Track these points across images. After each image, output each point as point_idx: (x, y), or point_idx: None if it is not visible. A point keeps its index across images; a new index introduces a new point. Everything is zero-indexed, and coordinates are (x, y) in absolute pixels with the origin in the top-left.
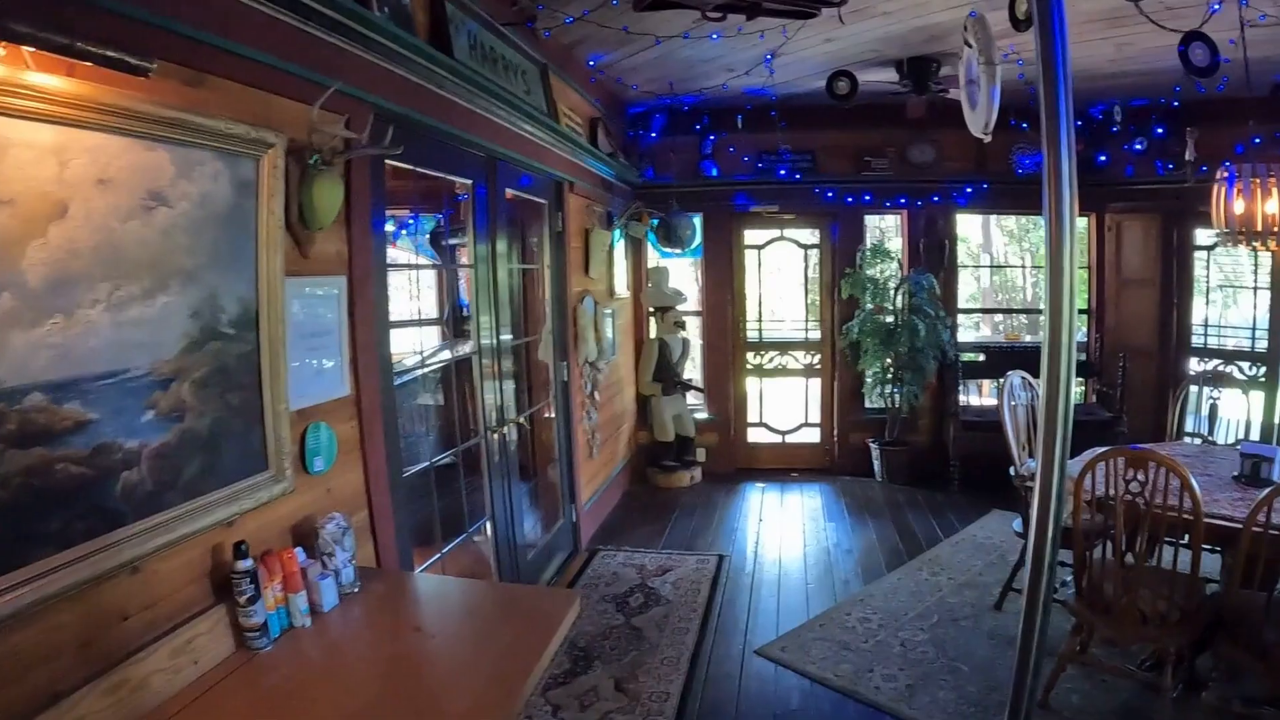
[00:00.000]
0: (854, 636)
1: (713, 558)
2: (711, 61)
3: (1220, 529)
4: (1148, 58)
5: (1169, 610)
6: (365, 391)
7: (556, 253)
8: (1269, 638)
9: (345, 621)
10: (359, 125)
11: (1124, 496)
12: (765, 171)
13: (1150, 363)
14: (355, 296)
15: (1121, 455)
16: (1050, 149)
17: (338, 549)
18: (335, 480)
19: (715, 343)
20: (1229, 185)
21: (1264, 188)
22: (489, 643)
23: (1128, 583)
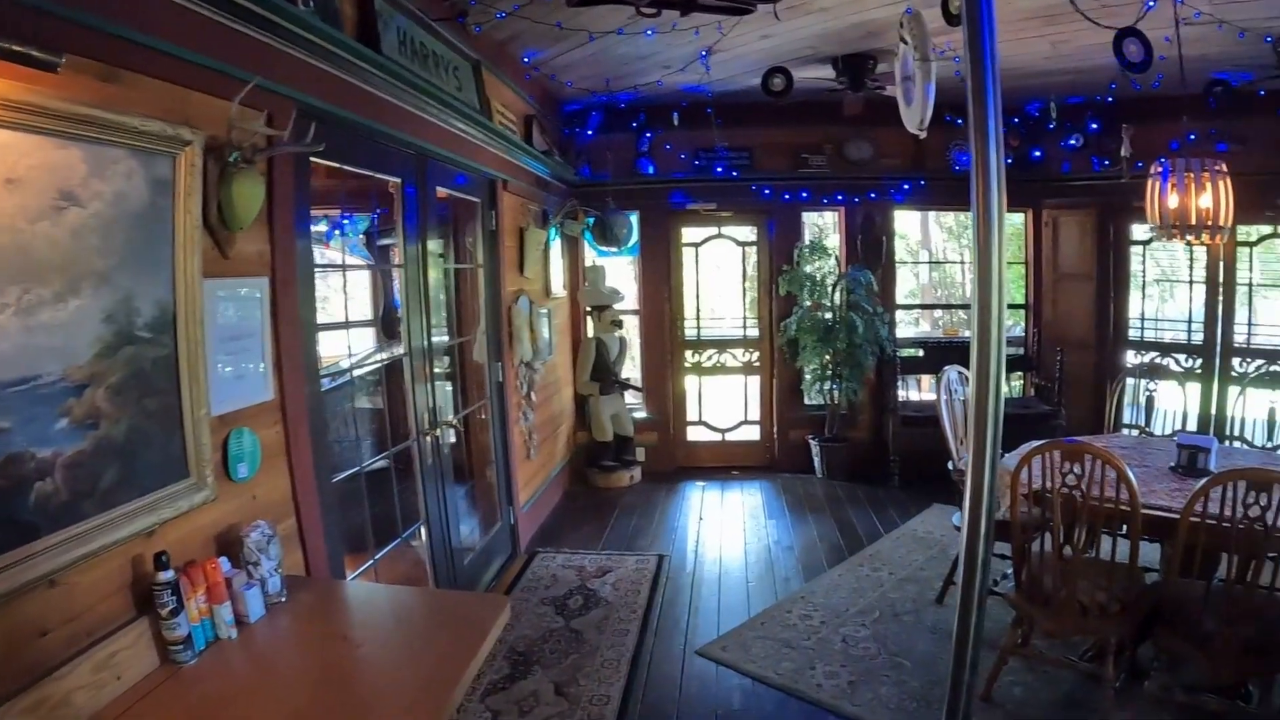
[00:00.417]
0: (795, 634)
1: (653, 558)
2: (647, 58)
3: (1158, 519)
4: (1083, 55)
5: (1108, 601)
6: (290, 395)
7: (490, 252)
8: (1208, 626)
9: (272, 632)
10: (281, 122)
11: (1061, 489)
12: (702, 169)
13: (1087, 356)
14: (279, 298)
15: (1058, 448)
16: (978, 143)
17: (263, 558)
18: (260, 487)
19: (653, 341)
20: (1163, 180)
21: (1197, 182)
22: (418, 650)
23: (1066, 575)
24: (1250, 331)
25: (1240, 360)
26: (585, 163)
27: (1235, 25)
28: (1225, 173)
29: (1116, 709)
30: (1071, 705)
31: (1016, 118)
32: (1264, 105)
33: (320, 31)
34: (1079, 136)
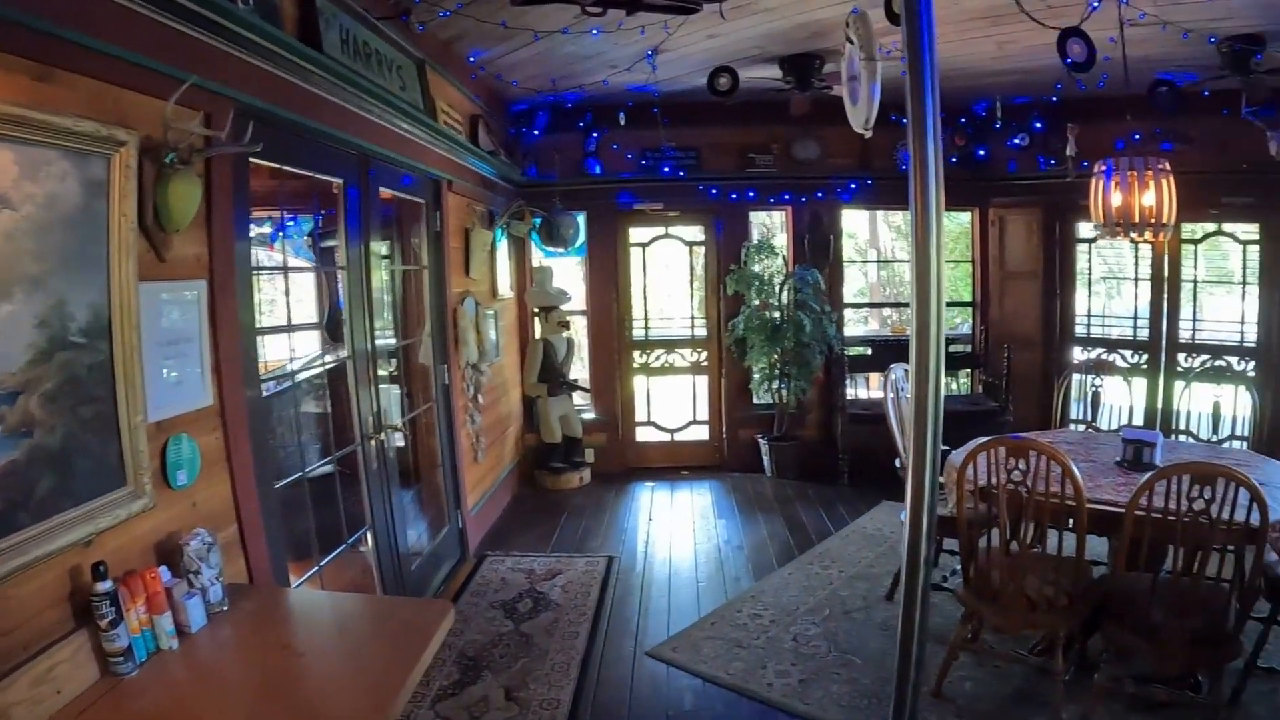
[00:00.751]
0: (746, 634)
1: (602, 559)
2: (594, 58)
3: (1104, 514)
4: (1029, 55)
5: (1056, 595)
6: (230, 400)
7: (435, 253)
8: (1155, 618)
9: (214, 642)
10: (219, 122)
11: (1006, 485)
12: (649, 169)
13: (1034, 353)
14: (217, 301)
15: (1003, 444)
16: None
17: (204, 566)
18: (200, 494)
19: (601, 342)
20: (1107, 179)
21: (1141, 181)
22: (361, 658)
23: (1014, 570)
24: (1195, 327)
25: (1185, 355)
26: (532, 163)
27: (1179, 26)
28: (1168, 171)
29: (1066, 701)
30: (1022, 699)
31: (964, 117)
32: (1208, 105)
33: (259, 30)
34: (1025, 136)
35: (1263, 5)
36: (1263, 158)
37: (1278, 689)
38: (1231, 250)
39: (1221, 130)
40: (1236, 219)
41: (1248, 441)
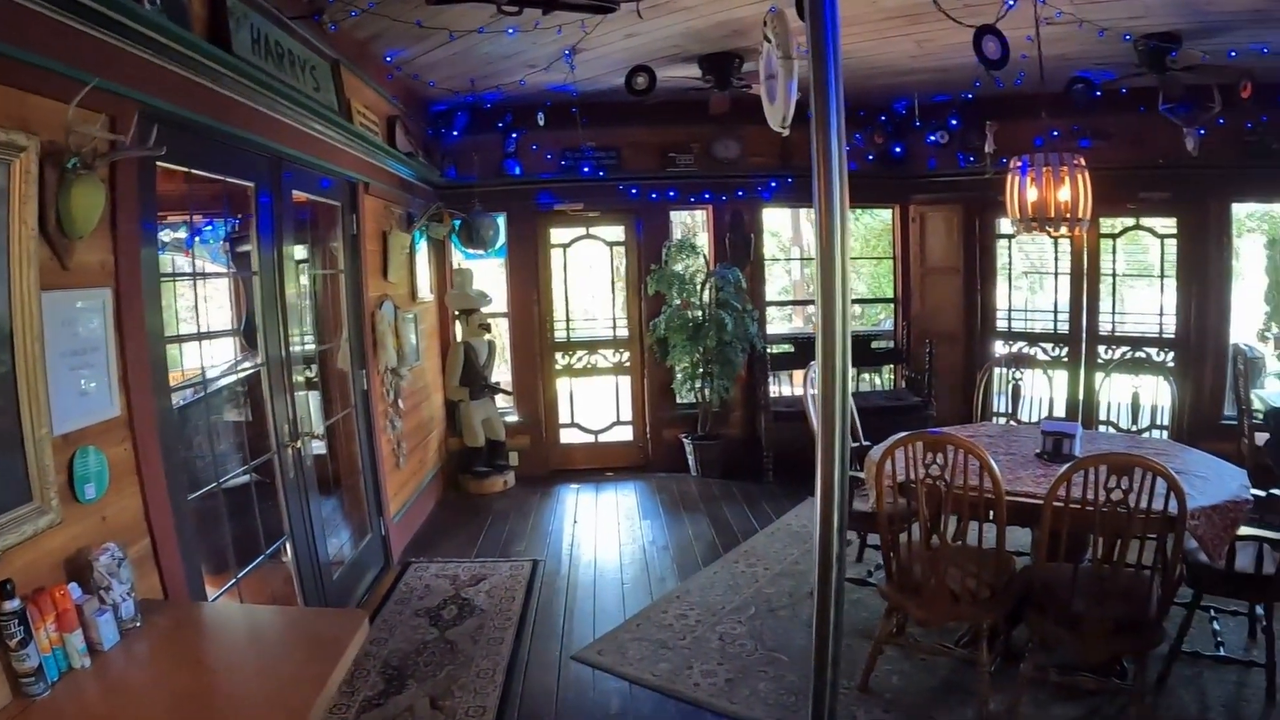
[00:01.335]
0: (671, 634)
1: (527, 563)
2: (512, 57)
3: (1024, 505)
4: (947, 54)
5: (978, 588)
6: (139, 411)
7: (351, 257)
8: (1078, 607)
9: (127, 659)
10: (124, 125)
11: (924, 480)
12: (569, 169)
13: (956, 347)
14: (124, 309)
15: (920, 439)
16: (820, 137)
17: (115, 582)
18: (110, 508)
19: (523, 344)
20: (1022, 175)
21: (1055, 177)
22: (275, 673)
23: (935, 564)
24: (1115, 320)
25: (1106, 348)
26: (452, 164)
27: (1095, 25)
28: (1083, 167)
29: (993, 692)
30: (949, 690)
31: (884, 115)
32: (1126, 102)
33: (165, 30)
34: (944, 134)
35: (1178, 4)
36: (1179, 153)
37: (1202, 673)
38: (1150, 244)
39: (1139, 127)
40: (1154, 214)
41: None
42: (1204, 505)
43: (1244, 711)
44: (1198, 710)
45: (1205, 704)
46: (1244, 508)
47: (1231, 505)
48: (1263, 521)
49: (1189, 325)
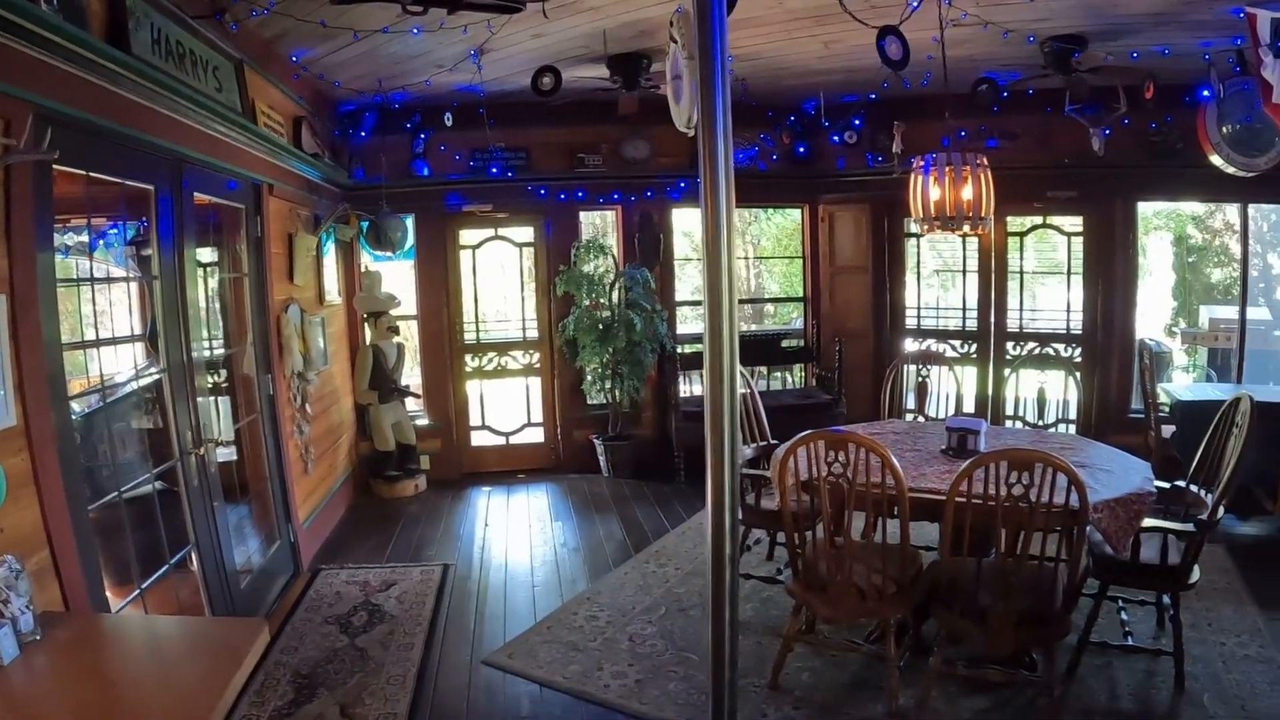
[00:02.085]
0: (582, 636)
1: (437, 567)
2: (419, 57)
3: (928, 501)
4: (855, 54)
5: (884, 584)
6: (36, 420)
7: (256, 260)
8: (983, 601)
9: (27, 673)
10: (17, 128)
11: (827, 478)
12: (478, 170)
13: (866, 345)
14: (18, 316)
15: (822, 438)
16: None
17: (12, 595)
18: (7, 520)
19: (433, 346)
20: (925, 174)
21: (958, 176)
22: (175, 682)
23: (840, 561)
24: (1023, 316)
25: (1014, 344)
26: (360, 165)
27: (1001, 27)
28: (986, 166)
29: (903, 686)
30: (859, 686)
31: (793, 116)
32: (1033, 103)
33: (61, 31)
34: (853, 134)
35: (1083, 6)
36: (1086, 153)
37: (1112, 662)
38: (1057, 242)
39: (1046, 127)
40: (1061, 212)
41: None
42: (1107, 498)
43: (1153, 699)
44: (1107, 699)
45: (1115, 693)
46: (1147, 500)
47: (1135, 498)
48: (1168, 512)
49: (1096, 321)
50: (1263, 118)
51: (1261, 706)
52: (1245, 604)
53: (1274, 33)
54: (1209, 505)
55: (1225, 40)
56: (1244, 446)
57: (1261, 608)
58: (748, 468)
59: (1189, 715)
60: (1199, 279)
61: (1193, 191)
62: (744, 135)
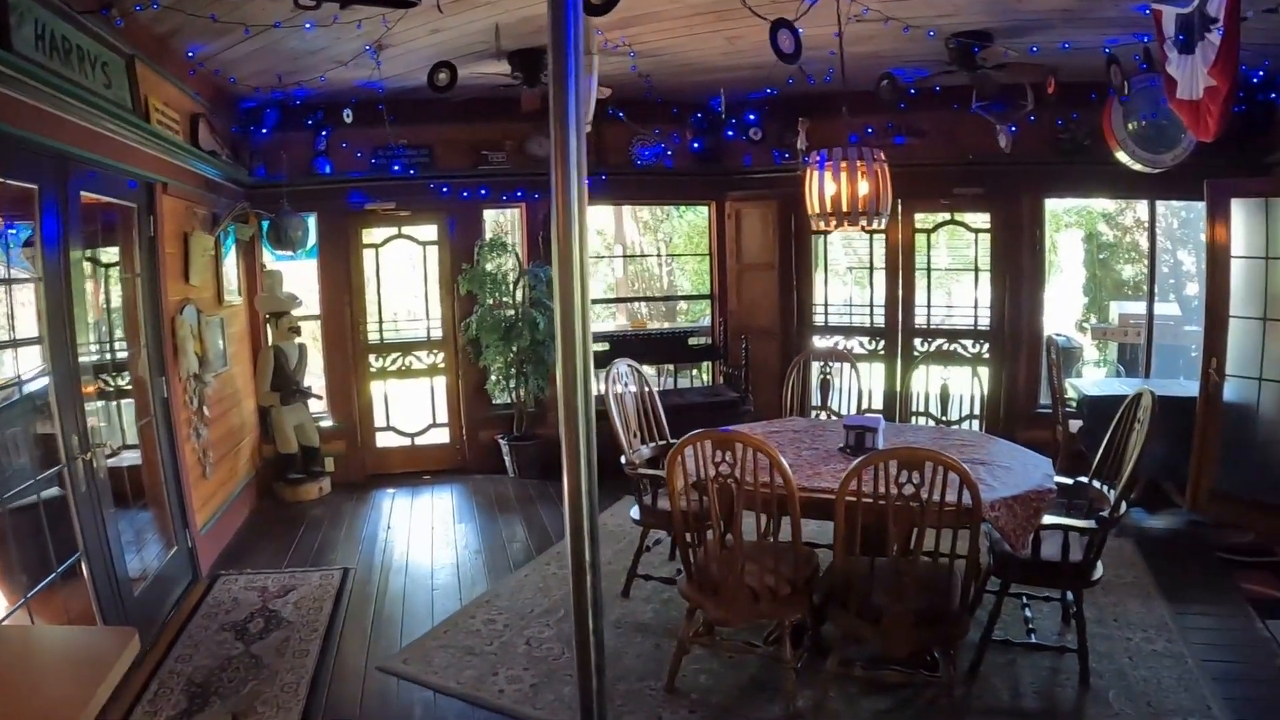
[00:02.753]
0: (479, 640)
1: (337, 572)
2: (317, 53)
3: (821, 500)
4: (758, 50)
5: (778, 585)
6: None
7: (149, 260)
8: (879, 601)
9: None
10: None
11: (715, 478)
12: (380, 168)
13: (773, 343)
14: None
15: (709, 438)
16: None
17: None
18: None
19: (336, 347)
20: (820, 169)
21: (853, 171)
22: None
23: (732, 562)
24: (931, 313)
25: (922, 340)
26: (261, 163)
27: (901, 22)
28: (883, 160)
29: (801, 688)
30: (758, 688)
31: (700, 113)
32: (940, 100)
33: None
34: (759, 130)
35: (986, 2)
36: (992, 150)
37: (1015, 660)
38: (965, 239)
39: (953, 124)
40: (969, 209)
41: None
42: (1005, 496)
43: (1058, 697)
44: (1011, 697)
45: (1018, 691)
46: (1047, 497)
47: (1034, 495)
48: (1071, 508)
49: (1004, 317)
50: (1168, 114)
51: (1168, 702)
52: (1153, 598)
53: (1178, 28)
54: (1111, 501)
55: (1132, 37)
56: (1146, 442)
57: (1170, 602)
58: (646, 467)
59: (1094, 713)
60: (1110, 275)
61: (1101, 188)
62: (650, 132)
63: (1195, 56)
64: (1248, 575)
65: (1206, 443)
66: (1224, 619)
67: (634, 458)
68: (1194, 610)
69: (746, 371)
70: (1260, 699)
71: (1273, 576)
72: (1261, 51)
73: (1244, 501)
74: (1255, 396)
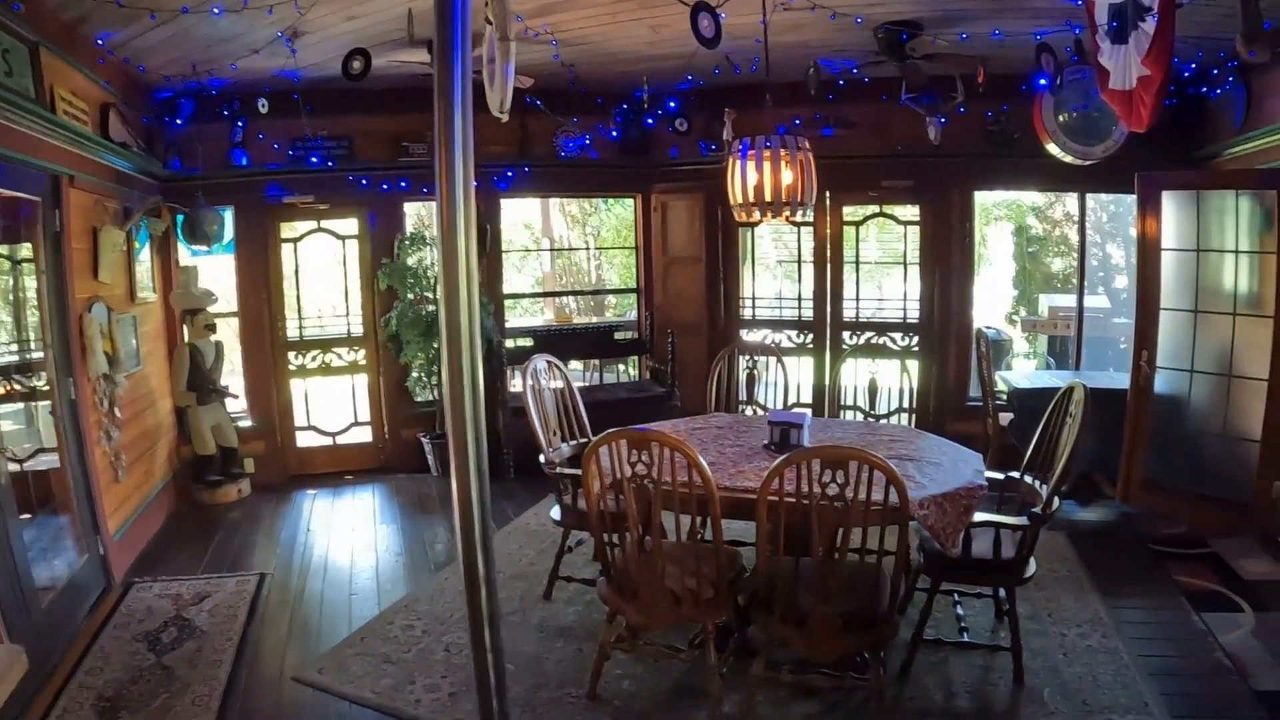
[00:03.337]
0: (396, 647)
1: (253, 577)
2: (231, 40)
3: (743, 501)
4: (684, 39)
5: (700, 587)
6: None
7: (53, 256)
8: (804, 604)
9: None
10: None
11: (631, 479)
12: (298, 160)
13: (700, 337)
14: None
15: (624, 437)
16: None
17: None
18: None
19: (254, 344)
20: (743, 158)
21: (775, 160)
22: None
23: (651, 565)
24: (860, 306)
25: (851, 334)
26: (176, 155)
27: (828, 9)
28: (807, 150)
29: (727, 693)
30: (682, 694)
31: (626, 103)
32: (869, 91)
33: None
34: (685, 122)
35: None
36: (921, 142)
37: (947, 658)
38: (895, 231)
39: (882, 115)
40: (898, 201)
41: (913, 414)
42: (934, 494)
43: (992, 696)
44: (944, 698)
45: (951, 691)
46: (978, 494)
47: (965, 492)
48: (1003, 502)
49: (933, 310)
50: (1100, 106)
51: (1104, 699)
52: (1087, 592)
53: (1111, 16)
54: (1043, 496)
55: (1063, 27)
56: (1079, 436)
57: (1103, 596)
58: (567, 466)
59: (1029, 711)
60: (1039, 268)
61: (1031, 181)
62: (575, 123)
63: (1129, 46)
64: (1181, 567)
65: (1138, 435)
66: (1159, 612)
67: (554, 457)
68: (1128, 604)
69: (673, 366)
70: (1197, 694)
71: (1206, 568)
72: (1195, 45)
73: (1175, 493)
74: (1186, 388)
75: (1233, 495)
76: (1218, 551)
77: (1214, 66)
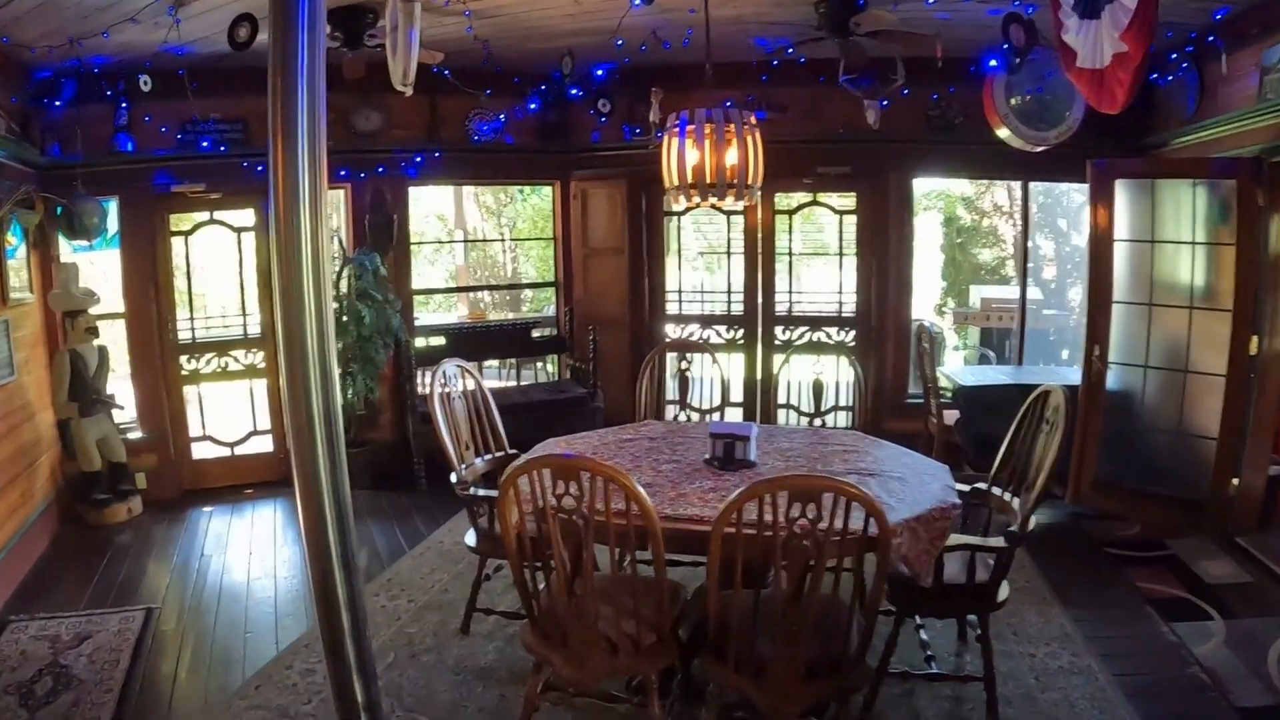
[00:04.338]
0: (295, 697)
1: (139, 613)
2: (108, 9)
3: (689, 533)
4: (607, 13)
5: (641, 633)
6: None
7: None
8: (762, 650)
9: None
10: None
11: (557, 514)
12: (188, 144)
13: (623, 333)
14: None
15: (547, 466)
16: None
17: None
18: None
19: (142, 348)
20: (680, 135)
21: (719, 138)
22: None
23: (582, 608)
24: (793, 299)
25: (784, 328)
26: (56, 140)
27: None
28: (754, 126)
29: None
30: None
31: (544, 84)
32: (804, 73)
33: None
34: (608, 103)
35: None
36: (859, 126)
37: (914, 690)
38: (829, 220)
39: (817, 98)
40: (833, 188)
41: (853, 413)
42: (906, 518)
43: None
44: None
45: None
46: (951, 514)
47: (938, 513)
48: (969, 518)
49: (870, 303)
50: (1055, 88)
51: None
52: (1049, 604)
53: None
54: (1017, 512)
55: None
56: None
57: (1066, 607)
58: (482, 485)
59: None
60: (968, 259)
61: (973, 168)
62: (489, 105)
63: (1101, 21)
64: (1141, 572)
65: (1089, 432)
66: (1127, 624)
67: (466, 475)
68: (1093, 616)
69: (595, 364)
70: (1181, 715)
71: (1167, 572)
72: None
73: (1127, 492)
74: (1140, 384)
75: (1187, 494)
76: (1177, 553)
77: (1170, 51)
